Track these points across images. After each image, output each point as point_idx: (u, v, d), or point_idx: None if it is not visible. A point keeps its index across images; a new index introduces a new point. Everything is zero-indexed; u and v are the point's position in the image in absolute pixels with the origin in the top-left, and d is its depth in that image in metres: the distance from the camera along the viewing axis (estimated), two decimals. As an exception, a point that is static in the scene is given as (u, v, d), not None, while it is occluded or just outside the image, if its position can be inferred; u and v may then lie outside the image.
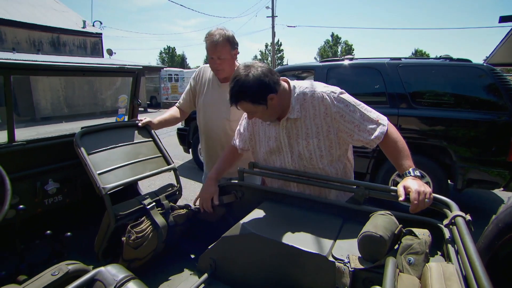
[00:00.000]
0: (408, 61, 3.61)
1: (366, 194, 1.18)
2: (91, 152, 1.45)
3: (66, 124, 9.97)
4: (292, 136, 1.32)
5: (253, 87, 1.16)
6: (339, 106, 1.23)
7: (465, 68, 3.27)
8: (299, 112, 1.27)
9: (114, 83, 14.02)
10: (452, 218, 0.93)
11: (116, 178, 1.45)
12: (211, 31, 1.65)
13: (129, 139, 1.65)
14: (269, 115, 1.28)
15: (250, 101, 1.19)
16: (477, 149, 3.15)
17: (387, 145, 1.23)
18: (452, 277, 0.67)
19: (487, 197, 4.14)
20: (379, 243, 0.87)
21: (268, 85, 1.18)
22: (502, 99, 3.03)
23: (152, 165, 1.65)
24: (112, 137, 1.59)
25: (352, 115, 1.23)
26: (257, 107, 1.21)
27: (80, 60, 1.69)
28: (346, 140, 1.28)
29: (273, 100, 1.21)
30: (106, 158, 1.49)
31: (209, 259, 1.26)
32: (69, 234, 1.55)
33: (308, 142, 1.28)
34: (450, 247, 0.87)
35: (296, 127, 1.30)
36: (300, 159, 1.33)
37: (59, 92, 12.17)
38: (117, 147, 1.58)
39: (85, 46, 15.87)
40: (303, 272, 1.03)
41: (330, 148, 1.29)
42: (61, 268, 0.80)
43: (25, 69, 1.40)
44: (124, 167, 1.52)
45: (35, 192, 1.62)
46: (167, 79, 17.83)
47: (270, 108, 1.23)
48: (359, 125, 1.23)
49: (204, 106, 1.80)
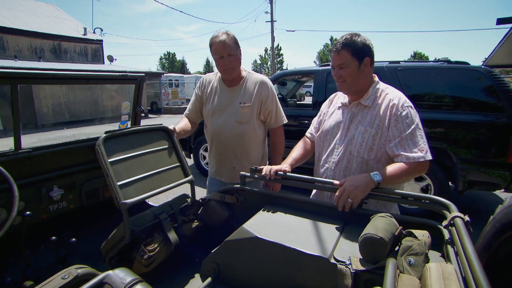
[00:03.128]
0: (406, 64, 3.64)
1: (366, 197, 1.20)
2: (112, 159, 1.33)
3: (68, 131, 10.03)
4: (354, 121, 1.40)
5: (360, 43, 1.32)
6: (402, 112, 1.29)
7: (463, 71, 3.30)
8: (371, 101, 1.37)
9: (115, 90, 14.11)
10: (451, 219, 0.94)
11: (136, 192, 1.36)
12: (214, 34, 1.71)
13: (151, 146, 1.54)
14: (354, 78, 1.35)
15: (351, 52, 1.32)
16: (477, 150, 3.17)
17: (402, 166, 1.25)
18: (450, 276, 0.68)
19: (488, 198, 4.14)
20: (379, 244, 0.89)
21: (370, 50, 1.34)
22: (500, 100, 3.05)
23: (171, 175, 1.55)
24: (134, 143, 1.47)
25: (405, 127, 1.28)
26: (353, 61, 1.33)
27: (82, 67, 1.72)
28: (385, 144, 1.32)
29: (366, 66, 1.34)
30: (127, 167, 1.38)
31: (213, 263, 1.27)
32: (73, 240, 1.56)
33: (366, 130, 1.35)
34: (450, 247, 0.89)
35: (362, 114, 1.38)
36: (350, 143, 1.38)
37: (60, 99, 12.25)
38: (139, 154, 1.47)
39: (86, 53, 16.03)
40: (306, 274, 1.04)
41: (382, 146, 1.33)
42: (70, 271, 0.82)
43: (31, 78, 1.43)
44: (144, 178, 1.42)
45: (40, 198, 1.64)
46: (167, 85, 17.92)
47: (360, 72, 1.34)
48: (403, 139, 1.27)
49: (214, 112, 1.81)
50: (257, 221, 1.25)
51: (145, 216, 1.42)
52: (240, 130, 1.77)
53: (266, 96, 1.80)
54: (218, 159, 1.88)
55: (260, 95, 1.79)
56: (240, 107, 1.76)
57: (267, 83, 1.83)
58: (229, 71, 1.72)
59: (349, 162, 1.38)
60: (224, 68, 1.71)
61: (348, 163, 1.38)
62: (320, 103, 4.13)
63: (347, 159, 1.38)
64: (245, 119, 1.76)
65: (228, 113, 1.78)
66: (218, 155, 1.87)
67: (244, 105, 1.77)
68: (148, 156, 1.49)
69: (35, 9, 16.26)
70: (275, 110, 1.86)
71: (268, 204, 1.42)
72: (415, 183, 3.48)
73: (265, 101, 1.81)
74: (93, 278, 0.75)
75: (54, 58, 14.94)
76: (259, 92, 1.79)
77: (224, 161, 1.86)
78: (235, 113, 1.76)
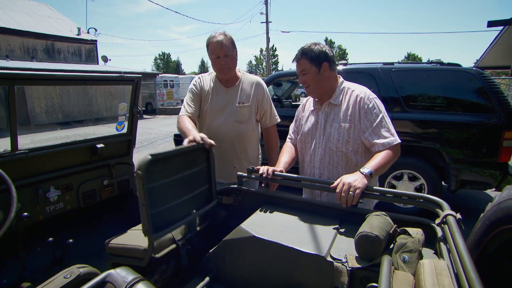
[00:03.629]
0: (400, 66, 3.70)
1: (361, 196, 1.23)
2: (151, 185, 1.12)
3: (62, 131, 9.91)
4: (328, 120, 1.52)
5: (315, 50, 1.46)
6: (368, 104, 1.43)
7: (455, 72, 3.37)
8: (340, 100, 1.49)
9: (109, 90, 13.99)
10: (444, 217, 0.97)
11: (166, 222, 1.21)
12: (212, 34, 1.73)
13: (189, 167, 1.36)
14: (316, 82, 1.49)
15: (308, 59, 1.46)
16: (469, 150, 3.23)
17: (382, 154, 1.37)
18: (443, 272, 0.71)
19: (479, 197, 4.22)
20: (375, 242, 0.91)
21: (326, 55, 1.46)
22: (491, 102, 3.12)
23: (198, 199, 1.40)
24: (174, 165, 1.27)
25: (374, 117, 1.41)
26: (312, 67, 1.47)
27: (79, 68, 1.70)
28: (359, 136, 1.44)
29: (325, 71, 1.47)
30: (162, 193, 1.20)
31: (211, 262, 1.28)
32: (71, 241, 1.56)
33: (340, 126, 1.47)
34: (442, 245, 0.91)
35: (334, 112, 1.50)
36: (329, 140, 1.49)
37: (53, 100, 12.11)
38: (177, 179, 1.28)
39: (80, 53, 15.87)
40: (303, 272, 1.06)
41: (357, 138, 1.45)
42: (72, 271, 0.83)
43: (29, 79, 1.43)
44: (177, 205, 1.28)
45: (37, 199, 1.64)
46: (162, 85, 17.83)
47: (320, 76, 1.47)
48: (374, 128, 1.41)
49: (212, 112, 1.81)
50: (255, 221, 1.26)
51: (165, 241, 1.32)
52: (240, 129, 1.81)
53: (262, 96, 1.87)
54: (218, 159, 1.89)
55: (257, 96, 1.85)
56: (239, 107, 1.80)
57: (262, 84, 1.90)
58: (225, 71, 1.75)
59: (331, 158, 1.49)
60: (220, 68, 1.73)
61: (330, 158, 1.50)
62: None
63: (329, 155, 1.50)
64: (245, 118, 1.81)
65: (228, 113, 1.80)
66: (218, 155, 1.87)
67: (243, 105, 1.81)
68: (184, 179, 1.33)
69: (28, 9, 16.05)
70: (269, 110, 1.93)
71: (265, 204, 1.44)
72: (409, 182, 3.54)
73: (261, 101, 1.87)
74: (95, 277, 0.76)
75: (47, 58, 14.76)
76: (256, 92, 1.85)
77: (224, 161, 1.87)
78: (235, 113, 1.79)
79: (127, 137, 2.06)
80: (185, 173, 1.31)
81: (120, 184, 2.08)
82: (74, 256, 1.70)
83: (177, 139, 5.38)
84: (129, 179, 2.16)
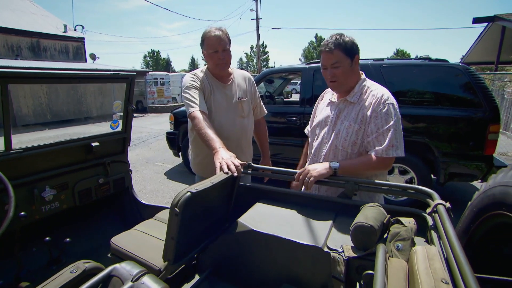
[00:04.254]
0: (390, 62, 3.77)
1: (355, 189, 1.27)
2: (182, 220, 1.06)
3: (50, 131, 9.71)
4: (340, 116, 1.47)
5: (350, 42, 1.39)
6: (382, 108, 1.36)
7: (443, 68, 3.45)
8: (357, 98, 1.43)
9: (99, 88, 13.73)
10: (434, 206, 1.01)
11: (186, 250, 1.18)
12: (207, 29, 1.72)
13: (218, 196, 1.32)
14: (346, 76, 1.41)
15: (343, 51, 1.37)
16: (456, 144, 3.33)
17: (365, 158, 1.38)
18: (434, 257, 0.75)
19: (466, 189, 4.36)
20: (370, 232, 0.95)
21: (357, 48, 1.41)
22: (477, 96, 3.22)
23: (217, 223, 1.38)
24: (206, 197, 1.21)
25: (383, 124, 1.35)
26: (346, 60, 1.38)
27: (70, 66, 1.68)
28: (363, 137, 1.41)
29: (356, 63, 1.41)
30: (189, 225, 1.15)
31: (210, 257, 1.30)
32: (68, 240, 1.56)
33: (351, 125, 1.42)
34: (433, 232, 0.96)
35: (348, 110, 1.45)
36: (336, 137, 1.45)
37: (41, 99, 11.82)
38: (204, 209, 1.25)
39: (67, 50, 15.48)
40: (301, 263, 1.08)
41: (365, 141, 1.40)
42: (78, 266, 0.84)
43: (22, 77, 1.41)
44: (198, 233, 1.25)
45: (32, 199, 1.62)
46: (152, 83, 17.60)
47: (351, 69, 1.41)
48: (379, 134, 1.35)
49: (217, 109, 1.79)
50: (252, 215, 1.29)
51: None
52: (244, 124, 1.86)
53: (254, 89, 1.95)
54: None
55: (251, 90, 1.92)
56: (239, 102, 1.84)
57: (251, 77, 1.98)
58: (222, 66, 1.75)
59: (335, 156, 1.46)
60: (218, 62, 1.72)
61: (334, 156, 1.46)
62: (308, 100, 4.23)
63: (333, 153, 1.46)
64: (245, 113, 1.85)
65: (230, 108, 1.82)
66: None
67: (242, 99, 1.85)
68: (209, 208, 1.29)
69: (9, 5, 15.54)
70: (259, 102, 2.02)
71: (261, 198, 1.46)
72: (400, 176, 3.62)
73: (254, 94, 1.95)
74: (101, 271, 0.78)
75: (32, 56, 14.35)
76: (249, 86, 1.92)
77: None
78: (236, 108, 1.83)
79: (122, 135, 2.05)
80: (212, 203, 1.29)
81: (116, 182, 2.08)
82: (71, 255, 1.70)
83: (169, 137, 5.36)
84: (124, 177, 2.15)
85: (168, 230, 1.05)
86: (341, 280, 0.97)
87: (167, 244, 1.06)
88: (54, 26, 15.57)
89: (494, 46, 10.33)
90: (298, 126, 3.95)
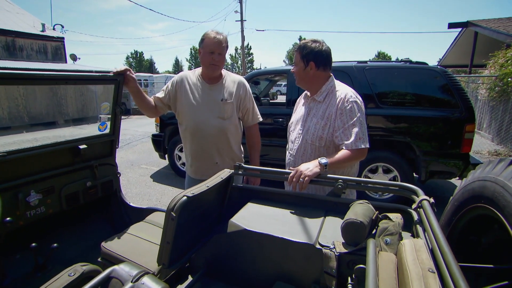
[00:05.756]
0: (373, 64, 3.89)
1: (344, 187, 1.31)
2: (178, 224, 1.06)
3: (28, 134, 9.31)
4: (310, 114, 1.63)
5: (308, 48, 1.56)
6: (346, 106, 1.51)
7: (422, 70, 3.60)
8: (323, 97, 1.59)
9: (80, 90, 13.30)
10: (419, 202, 1.07)
11: (180, 254, 1.18)
12: (210, 30, 1.79)
13: (213, 199, 1.33)
14: (300, 77, 1.63)
15: (299, 54, 1.59)
16: (436, 143, 3.48)
17: (343, 152, 1.47)
18: (421, 248, 0.80)
19: (446, 186, 4.56)
20: (360, 228, 0.99)
21: (316, 55, 1.56)
22: (454, 98, 3.38)
23: (210, 225, 1.37)
24: (201, 200, 1.21)
25: (348, 119, 1.49)
26: (300, 63, 1.60)
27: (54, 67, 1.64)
28: (332, 134, 1.53)
29: (311, 69, 1.57)
30: (184, 229, 1.13)
31: (202, 257, 1.30)
32: (55, 245, 1.52)
33: (318, 121, 1.58)
34: (419, 227, 1.01)
35: (316, 108, 1.61)
36: (306, 132, 1.61)
37: (18, 101, 11.31)
38: (199, 213, 1.25)
39: (46, 50, 14.92)
40: (293, 261, 1.11)
41: (330, 135, 1.54)
42: (76, 269, 0.83)
43: (6, 78, 1.36)
44: (191, 236, 1.24)
45: (16, 204, 1.56)
46: (136, 84, 17.26)
47: (305, 73, 1.59)
48: (345, 129, 1.49)
49: (193, 108, 1.83)
50: (244, 215, 1.30)
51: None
52: (223, 125, 1.85)
53: (244, 94, 1.93)
54: (200, 155, 1.90)
55: (239, 94, 1.91)
56: (222, 103, 1.84)
57: (245, 83, 1.97)
58: (213, 68, 1.80)
59: (305, 149, 1.61)
60: (210, 63, 1.78)
61: (304, 150, 1.62)
62: (294, 102, 4.27)
63: (304, 147, 1.62)
64: (227, 115, 1.85)
65: (210, 108, 1.83)
66: (200, 151, 1.89)
67: (226, 101, 1.85)
68: (204, 212, 1.29)
69: (-17, 3, 14.84)
70: (251, 109, 2.00)
71: (252, 198, 1.48)
72: (383, 175, 3.74)
73: (244, 99, 1.93)
74: (99, 274, 0.77)
75: (7, 55, 13.74)
76: (238, 90, 1.91)
77: (206, 157, 1.89)
78: (217, 109, 1.83)
79: (110, 137, 2.01)
80: (207, 206, 1.30)
81: (104, 185, 2.04)
82: (58, 261, 1.66)
83: (155, 139, 5.28)
84: (112, 180, 2.11)
85: (164, 234, 1.04)
86: (333, 275, 1.00)
87: (162, 248, 1.06)
88: (31, 25, 14.98)
89: (468, 50, 10.83)
90: (284, 127, 4.00)
